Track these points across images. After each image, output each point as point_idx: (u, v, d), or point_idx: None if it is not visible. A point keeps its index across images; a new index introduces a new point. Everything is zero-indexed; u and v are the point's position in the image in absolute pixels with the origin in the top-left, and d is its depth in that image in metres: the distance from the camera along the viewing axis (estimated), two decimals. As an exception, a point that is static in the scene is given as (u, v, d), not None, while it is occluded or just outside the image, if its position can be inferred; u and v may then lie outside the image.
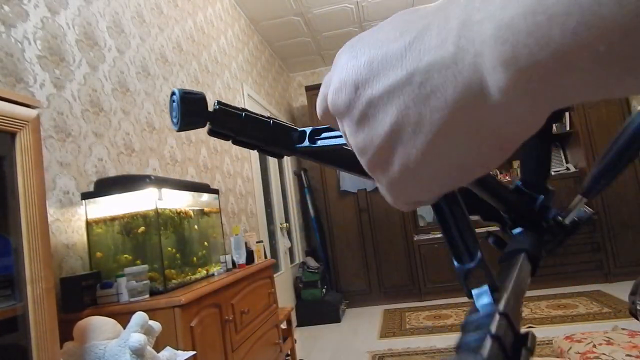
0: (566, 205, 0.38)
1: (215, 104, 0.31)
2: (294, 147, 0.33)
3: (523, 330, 0.21)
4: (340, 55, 0.21)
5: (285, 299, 4.13)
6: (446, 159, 0.18)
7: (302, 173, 5.39)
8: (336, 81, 0.21)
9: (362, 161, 0.21)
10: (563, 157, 4.82)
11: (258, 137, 0.32)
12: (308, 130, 0.32)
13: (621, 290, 3.79)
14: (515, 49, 0.14)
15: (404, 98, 0.18)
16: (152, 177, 1.68)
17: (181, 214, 1.91)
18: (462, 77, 0.16)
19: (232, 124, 0.31)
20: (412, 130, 0.18)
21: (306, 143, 0.32)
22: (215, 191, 2.34)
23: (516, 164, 4.79)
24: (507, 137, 0.18)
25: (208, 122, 0.30)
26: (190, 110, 0.29)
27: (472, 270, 0.24)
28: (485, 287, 0.22)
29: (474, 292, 0.23)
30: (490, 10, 0.15)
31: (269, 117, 0.33)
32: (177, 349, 1.39)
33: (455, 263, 0.25)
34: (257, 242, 2.57)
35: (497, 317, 0.20)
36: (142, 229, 1.68)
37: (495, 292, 0.22)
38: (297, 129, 0.33)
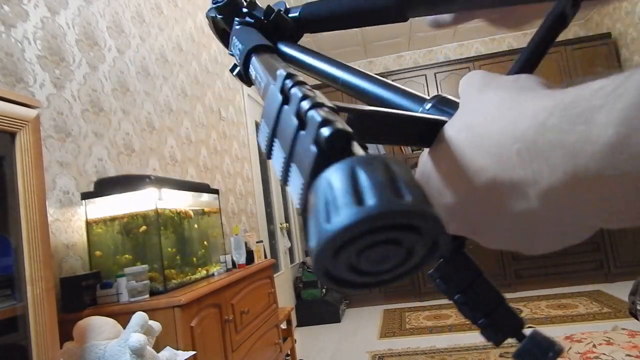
0: None
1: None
2: None
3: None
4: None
5: (285, 299, 4.13)
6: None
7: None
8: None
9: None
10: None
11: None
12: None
13: (621, 290, 3.79)
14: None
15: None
16: (152, 177, 1.68)
17: (181, 214, 1.91)
18: None
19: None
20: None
21: None
22: (215, 191, 2.34)
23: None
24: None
25: None
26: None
27: None
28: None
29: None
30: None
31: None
32: (177, 349, 1.39)
33: None
34: (257, 242, 2.56)
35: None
36: (143, 228, 1.68)
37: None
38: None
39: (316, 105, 0.18)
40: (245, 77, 0.37)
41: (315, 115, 0.17)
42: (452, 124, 0.24)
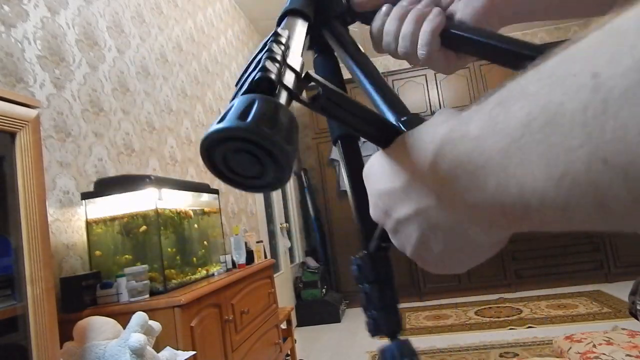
0: None
1: None
2: None
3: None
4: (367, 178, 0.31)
5: (285, 299, 4.13)
6: (460, 254, 0.27)
7: (302, 173, 5.39)
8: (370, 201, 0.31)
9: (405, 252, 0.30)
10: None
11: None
12: None
13: (621, 290, 3.79)
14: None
15: (420, 224, 0.26)
16: (152, 177, 1.68)
17: (181, 214, 1.91)
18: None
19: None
20: (431, 242, 0.26)
21: None
22: (215, 191, 2.34)
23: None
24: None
25: None
26: None
27: None
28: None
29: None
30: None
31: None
32: (177, 349, 1.39)
33: None
34: (257, 242, 2.56)
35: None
36: (143, 228, 1.67)
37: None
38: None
39: (271, 58, 0.24)
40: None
41: (262, 62, 0.23)
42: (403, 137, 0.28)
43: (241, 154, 0.20)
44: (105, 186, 1.70)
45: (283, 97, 0.22)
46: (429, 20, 0.37)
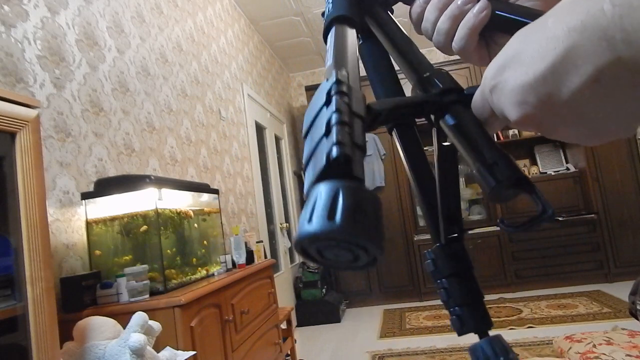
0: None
1: None
2: None
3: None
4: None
5: (285, 299, 4.13)
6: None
7: (302, 173, 5.39)
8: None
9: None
10: (563, 157, 4.82)
11: None
12: None
13: (621, 290, 3.79)
14: None
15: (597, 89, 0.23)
16: (152, 177, 1.68)
17: (181, 214, 1.91)
18: None
19: None
20: (608, 106, 0.23)
21: None
22: (215, 191, 2.34)
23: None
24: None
25: None
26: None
27: None
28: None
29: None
30: None
31: None
32: (177, 349, 1.39)
33: None
34: (257, 242, 2.57)
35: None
36: (143, 228, 1.68)
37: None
38: None
39: (340, 122, 0.23)
40: (324, 39, 0.39)
41: (334, 133, 0.23)
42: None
43: (334, 248, 0.20)
44: (105, 186, 1.70)
45: (358, 158, 0.22)
46: (469, 18, 0.35)
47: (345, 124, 0.23)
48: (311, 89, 5.21)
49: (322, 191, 0.20)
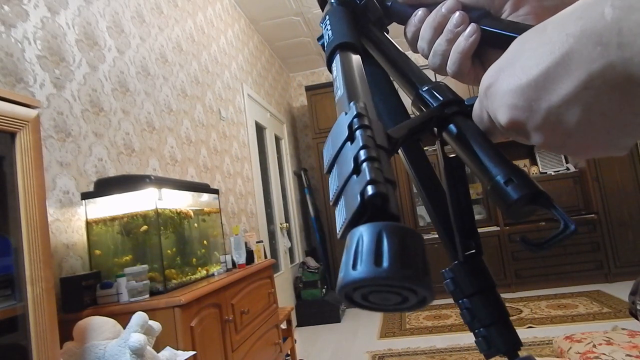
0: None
1: None
2: None
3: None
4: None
5: (285, 299, 4.13)
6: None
7: (302, 173, 5.39)
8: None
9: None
10: (563, 157, 4.82)
11: None
12: None
13: (621, 290, 3.79)
14: None
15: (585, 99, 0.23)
16: (152, 177, 1.68)
17: (181, 214, 1.91)
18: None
19: None
20: (597, 120, 0.23)
21: None
22: (215, 191, 2.34)
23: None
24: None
25: None
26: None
27: None
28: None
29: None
30: None
31: None
32: (177, 349, 1.39)
33: None
34: (257, 242, 2.56)
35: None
36: (143, 228, 1.68)
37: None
38: None
39: (370, 159, 0.22)
40: (328, 66, 0.39)
41: (367, 171, 0.22)
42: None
43: (381, 292, 0.20)
44: (105, 186, 1.70)
45: (392, 195, 0.22)
46: (459, 42, 0.35)
47: (374, 159, 0.23)
48: (311, 89, 5.21)
49: (364, 234, 0.20)
